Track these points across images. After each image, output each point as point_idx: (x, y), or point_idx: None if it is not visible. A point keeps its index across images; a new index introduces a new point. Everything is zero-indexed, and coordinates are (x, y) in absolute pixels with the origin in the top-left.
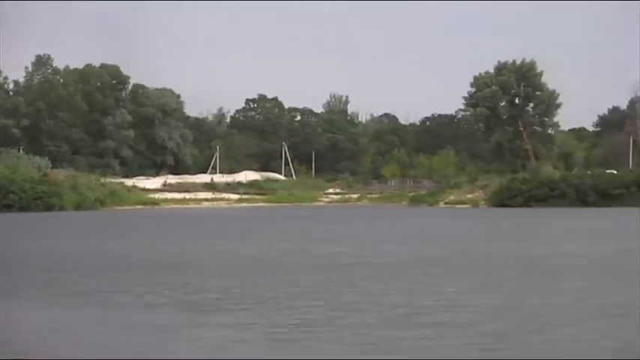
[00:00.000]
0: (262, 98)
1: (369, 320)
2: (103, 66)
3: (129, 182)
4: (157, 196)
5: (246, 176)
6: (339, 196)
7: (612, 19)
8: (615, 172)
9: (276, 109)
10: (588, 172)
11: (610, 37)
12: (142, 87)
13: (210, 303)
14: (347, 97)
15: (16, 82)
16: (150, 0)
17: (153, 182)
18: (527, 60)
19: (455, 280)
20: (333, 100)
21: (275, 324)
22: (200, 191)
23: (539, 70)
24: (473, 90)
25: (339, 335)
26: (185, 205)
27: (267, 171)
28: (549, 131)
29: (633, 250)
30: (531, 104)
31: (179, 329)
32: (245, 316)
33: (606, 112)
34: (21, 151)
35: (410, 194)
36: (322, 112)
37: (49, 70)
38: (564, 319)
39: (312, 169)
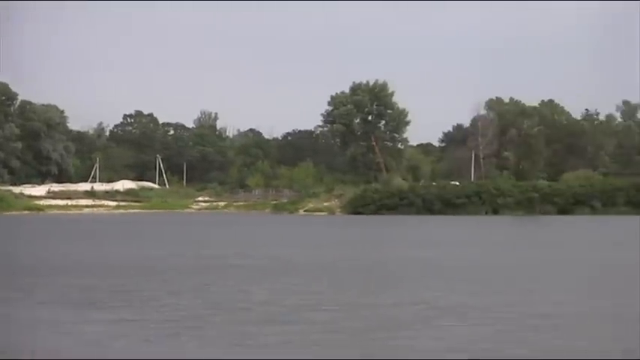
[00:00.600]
0: (139, 114)
1: (238, 318)
2: None
3: (16, 190)
4: (42, 202)
5: (124, 185)
6: (207, 204)
7: (457, 43)
8: (458, 183)
9: (151, 124)
10: (434, 184)
11: (455, 60)
12: (29, 103)
13: (94, 300)
14: (216, 113)
15: None
16: (35, 21)
17: (38, 190)
18: (380, 81)
19: (312, 281)
20: (203, 116)
21: (152, 320)
22: (81, 198)
23: (390, 91)
24: (330, 108)
25: (209, 332)
26: (68, 211)
27: (142, 180)
28: (399, 146)
29: (470, 253)
30: (383, 121)
31: (61, 324)
32: (124, 313)
33: (451, 129)
34: None
35: (272, 202)
36: (193, 127)
37: None
38: (408, 318)
39: (183, 179)
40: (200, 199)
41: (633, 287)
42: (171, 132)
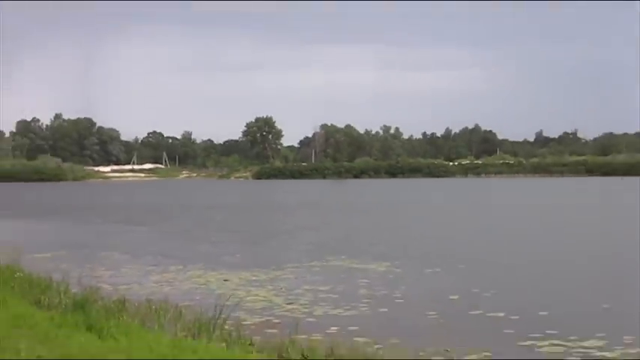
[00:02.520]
0: (155, 132)
1: (207, 228)
2: None
3: (96, 168)
4: (108, 174)
5: (147, 166)
6: (187, 175)
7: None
8: (305, 164)
9: (161, 137)
10: (294, 164)
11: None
12: (101, 127)
13: (138, 220)
14: (191, 131)
15: None
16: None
17: (106, 168)
18: (269, 116)
19: (227, 210)
20: (185, 132)
21: (167, 229)
22: (127, 172)
23: (273, 121)
24: (246, 129)
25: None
26: (120, 179)
27: (156, 164)
28: (278, 147)
29: (311, 194)
30: (270, 135)
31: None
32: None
33: (302, 138)
34: None
35: (219, 174)
36: (181, 137)
37: None
38: None
39: (176, 163)
40: (184, 173)
41: None
42: (170, 140)
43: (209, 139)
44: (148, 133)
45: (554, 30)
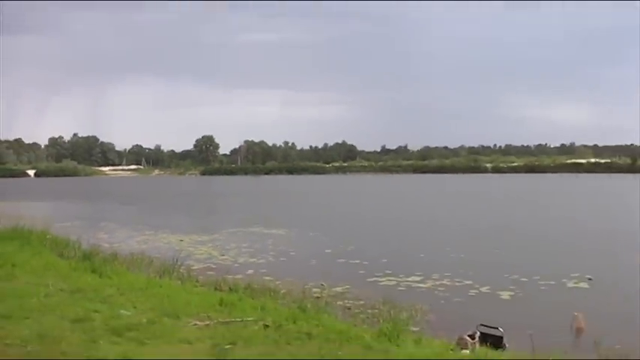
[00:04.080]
0: (137, 146)
1: (179, 203)
2: None
3: (98, 168)
4: (107, 172)
5: (133, 166)
6: (162, 173)
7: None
8: (234, 165)
9: (142, 146)
10: (233, 165)
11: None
12: (102, 142)
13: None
14: (158, 144)
15: None
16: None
17: (105, 169)
18: (210, 134)
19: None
20: (156, 146)
21: (151, 208)
22: (120, 170)
23: (214, 137)
24: (195, 142)
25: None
26: (115, 175)
27: (139, 165)
28: (217, 154)
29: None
30: (211, 147)
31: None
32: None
33: (235, 148)
34: None
35: (179, 173)
36: (154, 147)
37: None
38: None
39: (151, 164)
40: (156, 171)
41: None
42: (147, 150)
43: (172, 150)
44: (133, 145)
45: (393, 81)
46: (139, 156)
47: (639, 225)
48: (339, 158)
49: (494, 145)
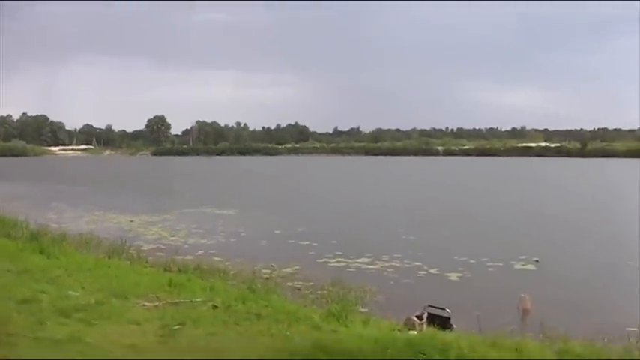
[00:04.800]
0: (88, 125)
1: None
2: None
3: (48, 148)
4: (57, 152)
5: (84, 146)
6: (113, 152)
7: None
8: (185, 146)
9: (92, 127)
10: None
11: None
12: (52, 121)
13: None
14: (109, 124)
15: None
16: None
17: (56, 148)
18: (161, 114)
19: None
20: (107, 126)
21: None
22: (69, 150)
23: (166, 118)
24: (147, 123)
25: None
26: (65, 155)
27: (89, 145)
28: (169, 134)
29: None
30: (162, 127)
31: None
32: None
33: (186, 129)
34: None
35: (129, 153)
36: (105, 127)
37: None
38: None
39: (101, 144)
40: (107, 151)
41: None
42: (98, 130)
43: (123, 130)
44: (84, 125)
45: (346, 63)
46: (90, 136)
47: (587, 209)
48: (292, 140)
49: (447, 128)
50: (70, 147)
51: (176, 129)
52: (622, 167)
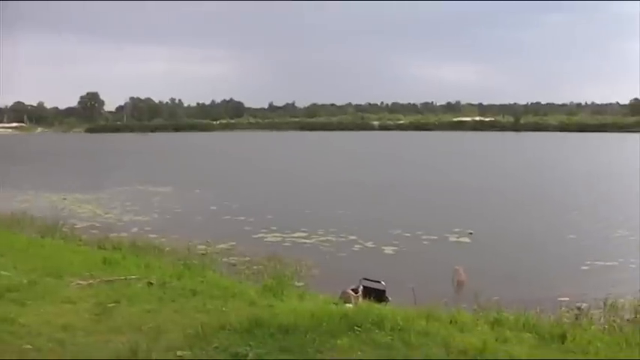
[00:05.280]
0: (19, 102)
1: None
2: None
3: None
4: None
5: (15, 124)
6: (43, 130)
7: None
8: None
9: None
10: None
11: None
12: None
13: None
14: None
15: None
16: None
17: None
18: (94, 91)
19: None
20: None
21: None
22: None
23: (99, 95)
24: (80, 99)
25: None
26: None
27: (21, 122)
28: (102, 113)
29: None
30: (96, 104)
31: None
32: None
33: (120, 105)
34: None
35: (62, 131)
36: (38, 104)
37: None
38: None
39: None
40: (39, 129)
41: None
42: (29, 107)
43: (56, 107)
44: (14, 102)
45: (281, 37)
46: (21, 113)
47: (520, 182)
48: (227, 115)
49: (382, 102)
50: (0, 125)
51: (110, 106)
52: (554, 141)
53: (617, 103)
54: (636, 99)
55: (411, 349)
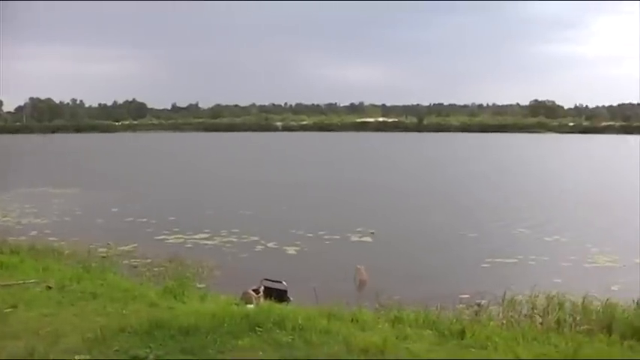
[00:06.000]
0: None
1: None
2: None
3: None
4: None
5: None
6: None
7: None
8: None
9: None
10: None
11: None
12: None
13: None
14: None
15: None
16: None
17: None
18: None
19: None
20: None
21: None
22: None
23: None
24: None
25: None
26: None
27: None
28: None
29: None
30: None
31: None
32: None
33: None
34: None
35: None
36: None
37: None
38: None
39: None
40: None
41: None
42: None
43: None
44: None
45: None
46: None
47: (422, 182)
48: (129, 116)
49: (285, 103)
50: None
51: (9, 106)
52: (456, 141)
53: (518, 104)
54: (536, 100)
55: (313, 348)
